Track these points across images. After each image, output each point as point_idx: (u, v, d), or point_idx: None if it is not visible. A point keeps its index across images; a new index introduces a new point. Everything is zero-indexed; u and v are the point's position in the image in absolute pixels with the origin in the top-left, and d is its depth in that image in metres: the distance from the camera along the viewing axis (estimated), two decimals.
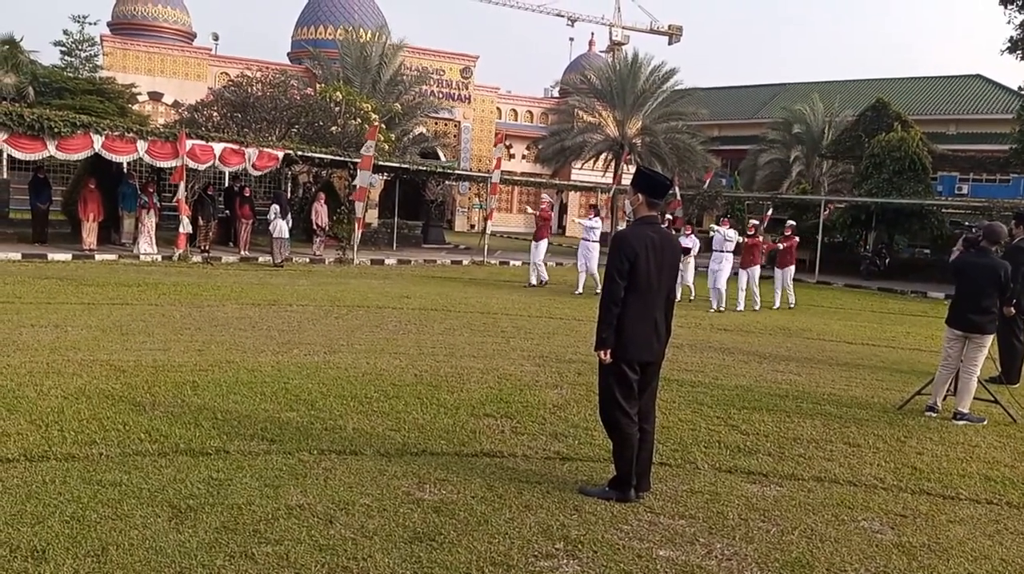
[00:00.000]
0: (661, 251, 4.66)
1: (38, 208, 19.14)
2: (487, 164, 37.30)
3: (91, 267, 15.60)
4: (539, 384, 7.55)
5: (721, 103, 48.34)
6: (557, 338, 10.49)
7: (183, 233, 17.96)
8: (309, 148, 21.72)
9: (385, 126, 27.52)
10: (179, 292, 12.44)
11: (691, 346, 10.32)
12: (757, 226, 16.21)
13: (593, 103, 37.76)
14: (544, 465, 5.23)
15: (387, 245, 25.99)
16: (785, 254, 16.46)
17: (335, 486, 4.59)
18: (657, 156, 35.47)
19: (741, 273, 15.62)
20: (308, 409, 6.15)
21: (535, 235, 17.63)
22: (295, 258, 19.50)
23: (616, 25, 59.45)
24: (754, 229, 15.95)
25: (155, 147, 17.47)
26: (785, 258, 16.43)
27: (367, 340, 9.35)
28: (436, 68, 41.84)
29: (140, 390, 6.36)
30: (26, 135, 15.85)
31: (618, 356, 4.62)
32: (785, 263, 16.41)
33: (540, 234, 17.48)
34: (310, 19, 44.17)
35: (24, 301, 10.62)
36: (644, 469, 4.75)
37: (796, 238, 16.94)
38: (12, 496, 4.14)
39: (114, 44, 37.65)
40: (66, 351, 7.60)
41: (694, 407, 7.01)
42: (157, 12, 41.47)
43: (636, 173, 4.88)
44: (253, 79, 26.35)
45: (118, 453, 4.88)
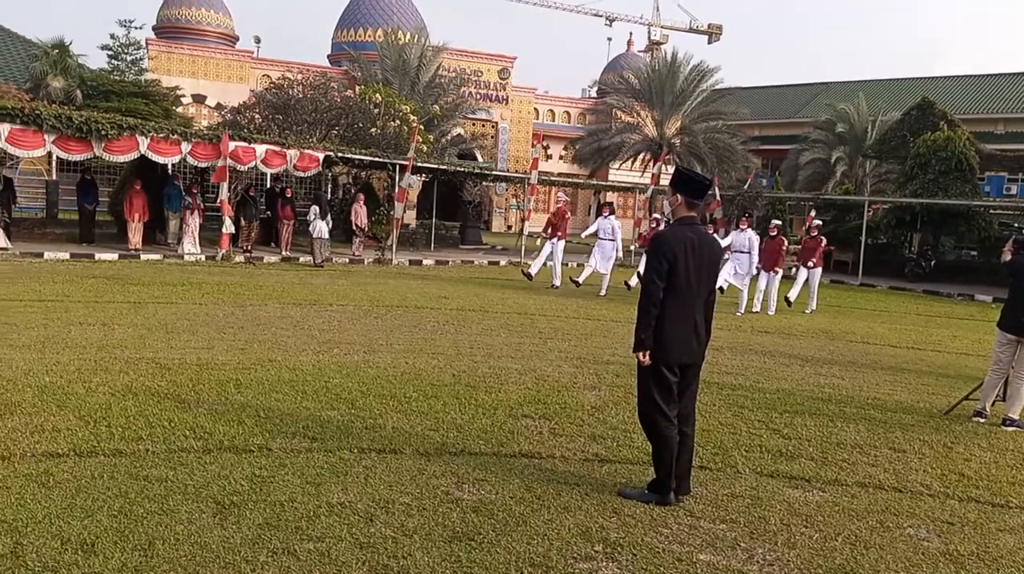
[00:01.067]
0: (700, 252, 4.62)
1: (85, 209, 19.58)
2: (524, 165, 37.36)
3: (137, 266, 15.93)
4: (577, 385, 7.53)
5: (762, 102, 47.78)
6: (595, 339, 10.46)
7: (226, 233, 18.25)
8: (349, 149, 21.92)
9: (424, 127, 27.69)
10: (222, 291, 12.65)
11: (731, 349, 10.22)
12: (779, 226, 15.94)
13: (631, 103, 37.60)
14: (583, 467, 5.22)
15: (425, 246, 26.13)
16: (811, 254, 16.00)
17: (375, 484, 4.62)
18: (696, 156, 35.20)
19: (761, 275, 15.22)
20: (348, 408, 6.21)
21: (551, 234, 17.26)
22: (335, 258, 19.70)
23: (655, 24, 59.11)
24: (776, 230, 15.69)
25: (199, 149, 17.78)
26: (811, 258, 15.98)
27: (406, 340, 9.41)
28: (474, 69, 41.97)
29: (185, 388, 6.48)
30: (74, 137, 16.22)
31: (657, 358, 4.59)
32: (807, 262, 15.95)
33: (556, 233, 17.09)
34: (350, 22, 44.61)
35: (72, 299, 10.87)
36: (684, 472, 4.72)
37: (823, 238, 16.45)
38: (62, 490, 4.24)
39: (159, 48, 38.40)
40: (113, 349, 7.77)
41: (735, 410, 6.94)
42: (201, 16, 42.20)
43: (675, 173, 4.85)
44: (294, 81, 26.68)
45: (164, 449, 4.98)
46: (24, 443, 4.91)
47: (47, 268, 14.50)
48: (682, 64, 36.83)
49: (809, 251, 16.09)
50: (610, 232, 16.41)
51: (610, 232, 16.41)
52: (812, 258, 15.87)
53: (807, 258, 15.96)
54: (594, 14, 60.57)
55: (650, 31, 58.88)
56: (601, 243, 16.41)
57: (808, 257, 15.95)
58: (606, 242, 16.33)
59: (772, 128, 46.90)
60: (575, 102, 49.69)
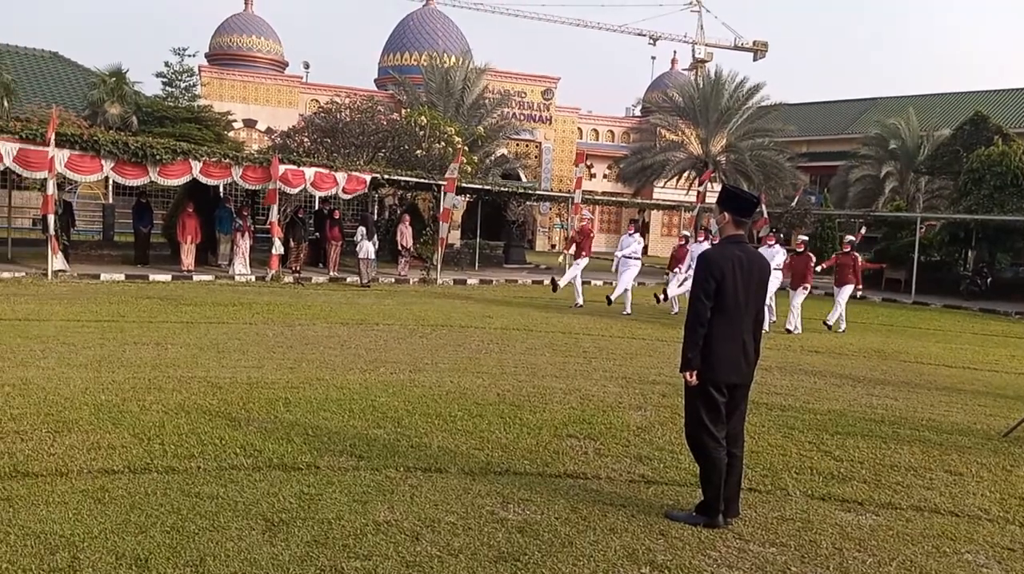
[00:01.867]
0: (749, 270, 4.58)
1: (140, 231, 20.13)
2: (568, 184, 37.40)
3: (189, 287, 16.30)
4: (622, 405, 7.48)
5: (809, 119, 47.22)
6: (640, 359, 10.39)
7: (276, 254, 18.59)
8: (395, 171, 22.22)
9: (468, 148, 27.94)
10: (272, 311, 12.87)
11: (780, 368, 10.06)
12: (806, 242, 15.58)
13: (676, 121, 37.48)
14: (629, 488, 5.17)
15: (469, 265, 26.27)
16: (843, 271, 15.45)
17: (421, 503, 4.64)
18: (743, 173, 34.90)
19: (791, 292, 14.86)
20: (394, 426, 6.26)
21: (575, 253, 16.89)
22: (381, 278, 19.92)
23: (699, 43, 58.85)
24: (803, 246, 15.36)
25: (250, 172, 18.19)
26: (843, 275, 15.42)
27: (450, 359, 9.46)
28: (517, 91, 42.27)
29: (235, 406, 6.60)
30: (130, 162, 16.72)
31: (705, 378, 4.54)
32: (843, 281, 15.37)
33: (579, 253, 16.73)
34: (396, 46, 45.34)
35: (127, 319, 11.16)
36: (733, 494, 4.65)
37: (856, 254, 15.89)
38: (117, 506, 4.35)
39: (211, 74, 39.47)
40: (166, 368, 7.95)
41: (784, 431, 6.82)
42: (252, 43, 43.32)
43: (722, 191, 4.82)
44: (342, 105, 27.18)
45: (215, 467, 5.07)
46: (81, 459, 5.04)
47: (103, 289, 14.92)
48: (727, 81, 36.64)
49: (843, 269, 15.58)
50: (635, 250, 16.08)
51: (635, 250, 16.08)
52: (849, 278, 15.38)
53: (844, 278, 15.43)
54: (638, 34, 60.56)
55: (694, 49, 58.63)
56: (625, 261, 16.00)
57: (845, 279, 15.41)
58: (631, 261, 15.98)
59: (820, 144, 46.28)
60: (619, 121, 49.68)
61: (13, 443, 5.28)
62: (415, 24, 45.99)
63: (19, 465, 4.87)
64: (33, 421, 5.82)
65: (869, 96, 49.94)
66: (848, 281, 15.23)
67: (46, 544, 3.85)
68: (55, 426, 5.72)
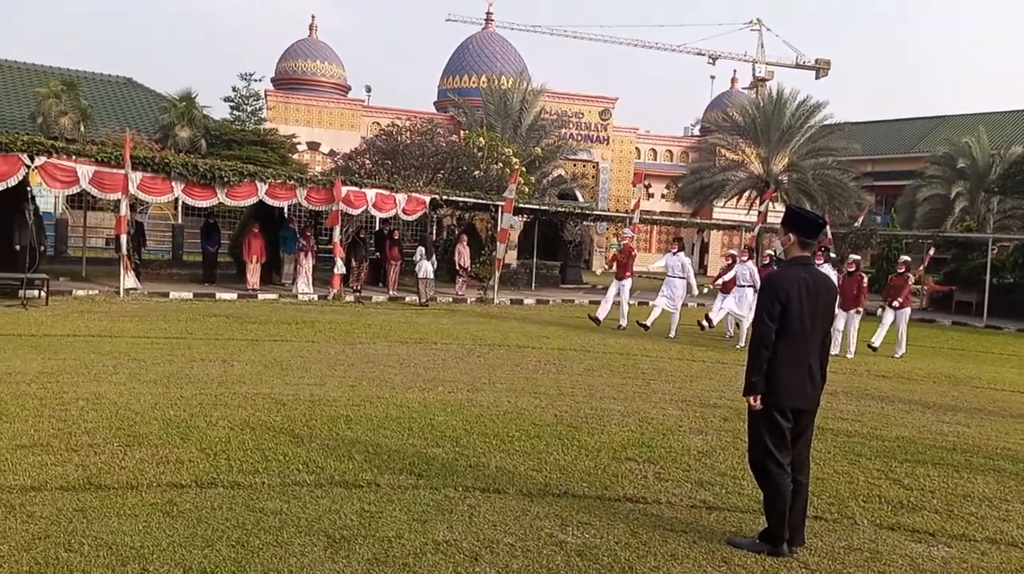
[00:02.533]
0: (815, 293, 4.49)
1: (208, 251, 20.71)
2: (625, 204, 37.28)
3: (254, 305, 16.69)
4: (682, 429, 7.38)
5: (874, 137, 46.21)
6: (700, 382, 10.24)
7: (337, 274, 18.92)
8: (454, 192, 22.45)
9: (525, 169, 28.09)
10: (333, 330, 13.08)
11: (846, 393, 9.80)
12: (858, 262, 14.90)
13: (736, 140, 37.07)
14: (690, 513, 5.09)
15: (526, 285, 26.31)
16: (897, 293, 14.89)
17: (480, 523, 4.65)
18: (805, 193, 34.29)
19: (839, 315, 14.04)
20: (453, 446, 6.28)
21: (617, 274, 16.43)
22: (439, 298, 20.09)
23: (759, 61, 58.28)
24: (855, 265, 14.69)
25: (313, 193, 18.60)
26: (897, 297, 14.83)
27: (508, 379, 9.47)
28: (575, 111, 42.41)
29: (298, 423, 6.72)
30: (199, 184, 17.23)
31: (769, 402, 4.45)
32: (897, 303, 14.80)
33: (622, 272, 16.30)
34: (455, 69, 46.01)
35: (195, 337, 11.48)
36: (798, 522, 4.53)
37: (909, 275, 15.34)
38: (185, 520, 4.46)
39: (277, 98, 40.57)
40: (232, 384, 8.14)
41: (851, 458, 6.63)
42: (316, 68, 44.45)
43: (787, 212, 4.75)
44: (402, 128, 27.64)
45: (278, 482, 5.16)
46: (151, 473, 5.19)
47: (172, 307, 15.38)
48: (788, 100, 36.11)
49: (895, 290, 15.05)
50: (679, 269, 15.45)
51: (679, 269, 15.45)
52: (899, 297, 14.83)
53: (893, 297, 14.91)
54: (696, 53, 60.28)
55: (755, 68, 58.08)
56: (670, 281, 15.49)
57: (894, 296, 14.90)
58: (675, 280, 15.42)
59: (886, 163, 45.22)
60: (677, 140, 49.39)
61: (87, 456, 5.46)
62: (474, 47, 46.64)
63: (92, 477, 5.04)
64: (105, 434, 6.01)
65: (937, 114, 48.67)
66: (904, 303, 14.75)
67: (117, 555, 3.96)
68: (126, 440, 5.90)
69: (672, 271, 15.45)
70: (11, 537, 4.08)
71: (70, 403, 6.89)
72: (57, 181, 15.58)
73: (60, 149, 15.86)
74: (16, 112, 30.22)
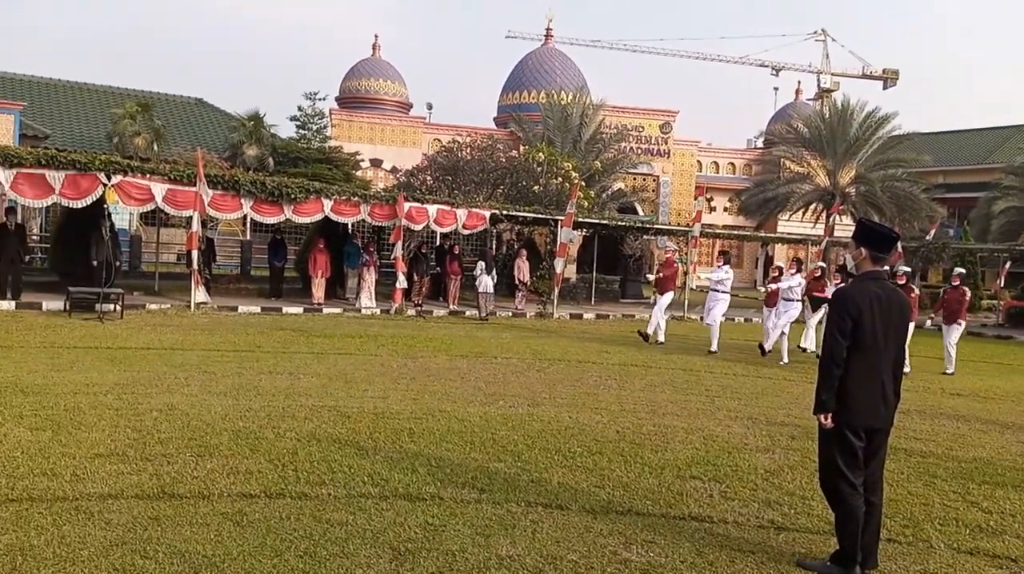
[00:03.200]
0: (888, 309, 4.37)
1: (275, 266, 21.19)
2: (686, 218, 36.86)
3: (319, 319, 17.01)
4: (748, 447, 7.24)
5: (946, 148, 44.81)
6: (766, 398, 10.04)
7: (399, 288, 19.16)
8: (513, 207, 22.55)
9: (585, 183, 28.05)
10: (396, 344, 13.24)
11: (919, 412, 9.48)
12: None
13: (801, 152, 36.40)
14: (757, 533, 4.98)
15: (585, 299, 26.21)
16: (952, 308, 14.38)
17: (543, 539, 4.63)
18: (874, 206, 33.43)
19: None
20: (514, 460, 6.28)
21: (659, 288, 16.12)
22: (498, 312, 20.16)
23: (825, 72, 57.18)
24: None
25: (376, 209, 18.92)
26: (951, 313, 14.34)
27: (568, 394, 9.44)
28: (635, 125, 42.21)
29: (363, 435, 6.81)
30: (267, 201, 17.69)
31: (841, 421, 4.34)
32: (951, 319, 14.30)
33: (665, 286, 16.01)
34: (515, 85, 46.30)
35: (263, 350, 11.74)
36: (871, 545, 4.40)
37: (966, 289, 14.73)
38: (255, 529, 4.55)
39: (341, 116, 41.42)
40: (299, 397, 8.30)
41: (925, 480, 6.41)
42: (379, 86, 45.30)
43: (858, 225, 4.64)
44: (463, 144, 27.90)
45: (344, 494, 5.23)
46: (221, 483, 5.31)
47: (241, 321, 15.77)
48: (855, 111, 35.32)
49: (949, 304, 14.45)
50: (727, 284, 15.19)
51: (727, 284, 15.19)
52: (959, 314, 14.27)
53: (952, 316, 14.31)
54: (759, 64, 59.46)
55: (819, 79, 57.00)
56: (713, 295, 15.14)
57: (955, 312, 14.30)
58: (719, 294, 15.04)
59: (959, 175, 43.79)
60: (740, 153, 48.75)
61: (160, 465, 5.63)
62: (534, 63, 46.87)
63: (166, 486, 5.19)
64: (178, 445, 6.19)
65: (1012, 123, 46.95)
66: (955, 318, 14.25)
67: (190, 563, 4.06)
68: (198, 450, 6.06)
69: (718, 286, 15.15)
70: (90, 543, 4.23)
71: (144, 414, 7.12)
72: (133, 199, 16.18)
73: (135, 168, 16.48)
74: (94, 132, 31.52)
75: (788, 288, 14.26)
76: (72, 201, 15.73)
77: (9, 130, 23.46)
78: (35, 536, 4.27)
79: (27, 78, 34.11)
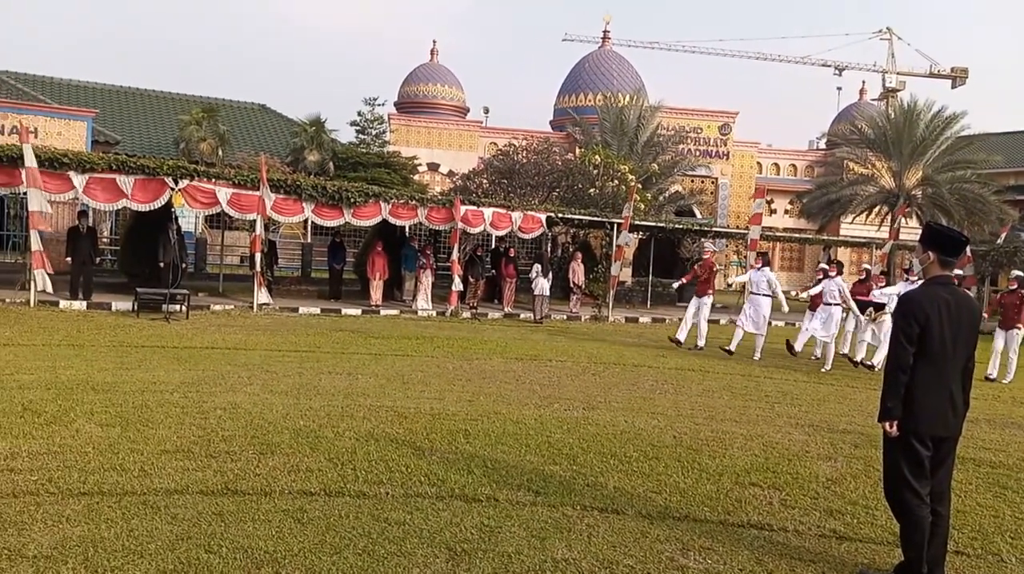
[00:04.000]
0: (957, 315, 4.24)
1: (334, 268, 21.55)
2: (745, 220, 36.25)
3: (377, 321, 17.23)
4: (809, 455, 7.09)
5: (1018, 148, 43.20)
6: (828, 405, 9.82)
7: (455, 291, 19.30)
8: (569, 210, 22.52)
9: (641, 186, 27.84)
10: (451, 346, 13.34)
11: (988, 421, 9.16)
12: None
13: (865, 153, 35.50)
14: (818, 543, 4.88)
15: (641, 303, 26.00)
16: (1009, 313, 13.74)
17: (599, 544, 4.61)
18: (941, 208, 32.43)
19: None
20: (570, 464, 6.27)
21: (697, 290, 15.47)
22: (553, 315, 20.14)
23: (890, 71, 55.68)
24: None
25: (433, 213, 19.11)
26: (1009, 317, 13.74)
27: (624, 398, 9.38)
28: (693, 127, 41.72)
29: (420, 436, 6.88)
30: (327, 205, 18.02)
31: (907, 429, 4.23)
32: (1008, 323, 13.70)
33: (702, 289, 15.38)
34: (571, 88, 46.22)
35: (323, 350, 11.95)
36: (937, 557, 4.27)
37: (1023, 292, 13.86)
38: (315, 526, 4.63)
39: (399, 121, 41.91)
40: (357, 397, 8.42)
41: (995, 491, 6.20)
42: (436, 91, 45.75)
43: (925, 229, 4.52)
44: (519, 148, 27.97)
45: (401, 493, 5.29)
46: (283, 481, 5.42)
47: (302, 322, 16.08)
48: (922, 111, 34.30)
49: (1007, 309, 13.85)
50: (764, 286, 14.19)
51: (764, 286, 14.19)
52: (1017, 319, 13.63)
53: (1009, 320, 13.70)
54: (822, 64, 58.22)
55: (884, 78, 55.52)
56: (754, 299, 14.24)
57: (1011, 320, 13.69)
58: (760, 298, 14.13)
59: None
60: (801, 154, 47.77)
61: (224, 462, 5.77)
62: (591, 65, 46.72)
63: (229, 483, 5.32)
64: (241, 442, 6.34)
65: None
66: (1013, 323, 13.68)
67: (252, 558, 4.16)
68: (260, 448, 6.20)
69: (756, 288, 14.29)
70: (157, 537, 4.36)
71: (209, 412, 7.31)
72: (198, 202, 16.64)
73: (201, 173, 16.96)
74: (161, 138, 32.52)
75: (830, 292, 13.82)
76: (141, 204, 16.26)
77: (82, 136, 24.32)
78: (105, 529, 4.43)
79: (99, 86, 35.38)
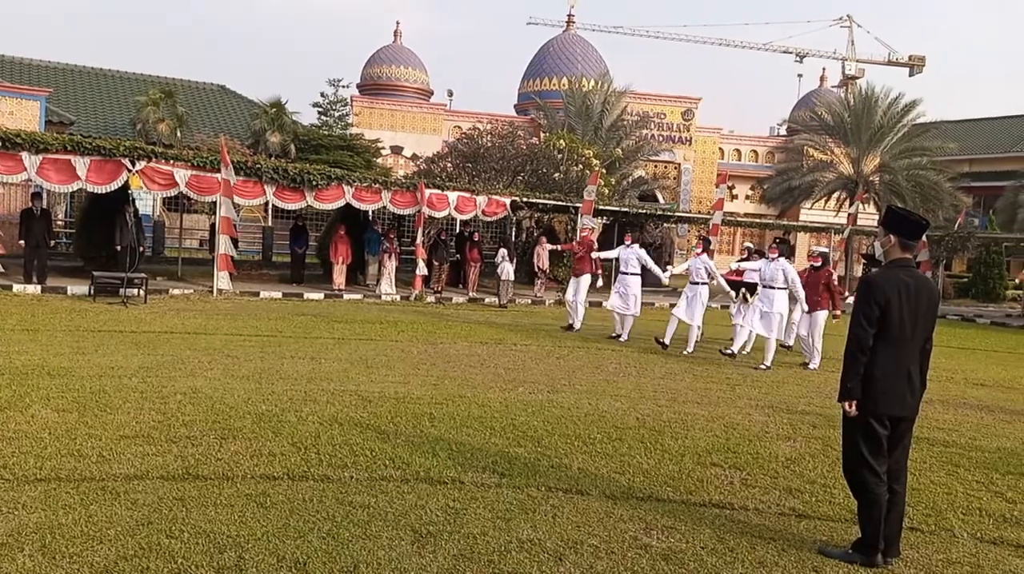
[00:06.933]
0: (916, 297, 4.33)
1: (296, 252, 21.32)
2: (708, 206, 36.62)
3: (340, 305, 17.09)
4: (769, 435, 7.21)
5: (972, 136, 44.19)
6: (787, 387, 9.99)
7: (419, 275, 19.22)
8: (533, 195, 22.52)
9: (605, 170, 27.93)
10: (416, 330, 13.29)
11: (942, 402, 9.39)
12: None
13: (824, 140, 36.06)
14: (778, 521, 4.97)
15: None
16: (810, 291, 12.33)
17: (563, 524, 4.65)
18: (897, 194, 33.07)
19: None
20: (535, 446, 6.30)
21: (574, 269, 14.83)
22: (518, 299, 20.16)
23: (849, 59, 56.46)
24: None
25: (397, 196, 18.97)
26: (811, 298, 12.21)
27: (588, 381, 9.44)
28: (657, 112, 41.95)
29: (384, 419, 6.85)
30: (289, 187, 17.79)
31: (866, 409, 4.31)
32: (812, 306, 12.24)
33: (580, 268, 14.78)
34: (536, 72, 46.13)
35: (285, 335, 11.83)
36: (893, 533, 4.38)
37: (830, 270, 12.85)
38: (278, 511, 4.60)
39: (362, 103, 41.47)
40: (320, 381, 8.36)
41: (948, 469, 6.36)
42: (400, 73, 45.34)
43: (887, 212, 4.59)
44: (483, 131, 27.85)
45: (366, 477, 5.27)
46: (245, 465, 5.37)
47: (263, 306, 15.89)
48: (880, 98, 34.90)
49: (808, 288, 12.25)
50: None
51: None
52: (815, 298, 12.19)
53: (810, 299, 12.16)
54: (783, 51, 58.88)
55: (844, 66, 56.30)
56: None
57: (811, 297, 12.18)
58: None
59: (985, 164, 43.20)
60: (763, 140, 48.31)
61: (185, 447, 5.70)
62: (555, 49, 46.66)
63: (190, 468, 5.25)
64: (202, 427, 6.25)
65: None
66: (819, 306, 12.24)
67: (215, 543, 4.12)
68: (222, 433, 6.12)
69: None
70: (117, 522, 4.29)
71: (168, 397, 7.20)
72: (156, 183, 16.31)
73: (159, 154, 16.60)
74: (118, 119, 31.79)
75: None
76: (97, 186, 15.89)
77: (35, 116, 23.70)
78: (63, 515, 4.34)
79: (52, 64, 34.42)
